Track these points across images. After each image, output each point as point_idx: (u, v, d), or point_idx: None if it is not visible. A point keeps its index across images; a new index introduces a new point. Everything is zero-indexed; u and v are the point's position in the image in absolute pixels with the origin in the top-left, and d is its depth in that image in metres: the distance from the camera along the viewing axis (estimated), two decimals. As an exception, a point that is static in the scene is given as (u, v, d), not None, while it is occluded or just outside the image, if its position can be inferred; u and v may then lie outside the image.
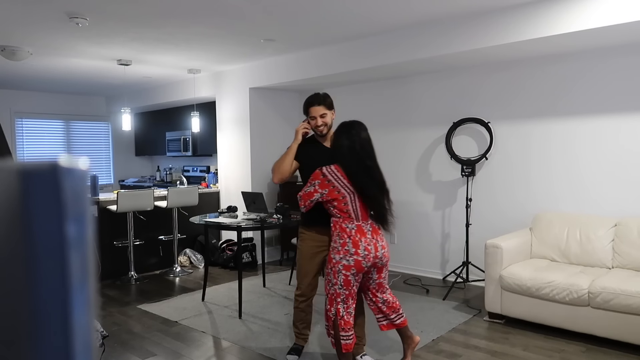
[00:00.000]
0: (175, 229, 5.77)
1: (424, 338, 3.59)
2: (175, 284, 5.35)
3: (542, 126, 4.53)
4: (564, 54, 4.32)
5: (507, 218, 4.78)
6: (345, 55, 4.97)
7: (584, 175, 4.30)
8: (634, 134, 4.03)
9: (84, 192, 0.40)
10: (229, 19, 4.04)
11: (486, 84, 4.87)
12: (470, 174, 4.77)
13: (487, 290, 3.91)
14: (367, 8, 3.83)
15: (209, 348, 3.53)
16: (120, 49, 5.05)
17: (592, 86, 4.23)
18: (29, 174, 0.38)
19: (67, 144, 8.34)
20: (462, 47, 4.11)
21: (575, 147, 4.35)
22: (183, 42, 4.81)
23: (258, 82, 5.93)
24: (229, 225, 4.22)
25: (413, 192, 5.50)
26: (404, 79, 5.50)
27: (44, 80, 6.89)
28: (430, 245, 5.39)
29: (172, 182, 7.92)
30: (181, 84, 7.00)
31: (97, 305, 0.80)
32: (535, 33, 3.69)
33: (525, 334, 3.61)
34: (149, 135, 8.60)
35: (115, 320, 4.13)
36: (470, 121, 4.87)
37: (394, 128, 5.63)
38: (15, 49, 4.86)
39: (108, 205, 5.43)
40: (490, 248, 3.90)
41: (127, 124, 6.12)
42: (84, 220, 0.40)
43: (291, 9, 3.82)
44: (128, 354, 3.42)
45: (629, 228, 3.78)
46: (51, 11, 3.76)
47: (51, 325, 0.38)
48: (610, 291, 3.27)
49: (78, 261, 0.39)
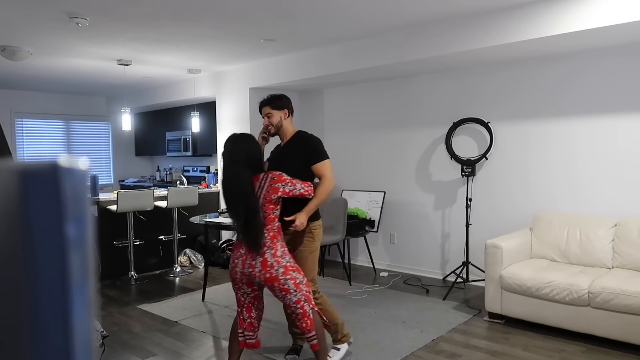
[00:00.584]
0: (175, 229, 5.77)
1: (424, 338, 3.59)
2: (175, 284, 5.35)
3: (542, 126, 4.53)
4: (563, 54, 4.32)
5: (507, 218, 4.78)
6: (345, 56, 4.97)
7: (584, 175, 4.30)
8: (633, 134, 4.03)
9: (84, 192, 0.40)
10: (229, 19, 4.04)
11: (486, 84, 4.87)
12: (470, 174, 4.77)
13: (487, 290, 3.91)
14: (367, 8, 3.83)
15: (209, 348, 3.53)
16: (120, 49, 5.05)
17: (592, 86, 4.23)
18: (29, 174, 0.38)
19: (67, 144, 8.34)
20: (462, 47, 4.11)
21: (576, 147, 4.35)
22: (183, 42, 4.81)
23: (258, 82, 5.93)
24: (229, 225, 4.22)
25: (413, 192, 5.50)
26: (404, 79, 5.50)
27: (44, 80, 6.89)
28: (430, 245, 5.39)
29: (172, 182, 7.92)
30: (181, 84, 7.00)
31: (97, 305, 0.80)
32: (534, 33, 3.69)
33: (525, 334, 3.61)
34: (149, 135, 8.60)
35: (115, 320, 4.13)
36: (470, 121, 4.88)
37: (393, 128, 5.63)
38: (15, 49, 4.86)
39: (108, 205, 5.43)
40: (490, 248, 3.90)
41: (127, 124, 6.12)
42: (84, 220, 0.40)
43: (291, 9, 3.82)
44: (128, 354, 3.42)
45: (629, 228, 3.78)
46: (51, 11, 3.76)
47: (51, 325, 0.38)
48: (610, 291, 3.27)
49: (78, 261, 0.39)
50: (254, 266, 2.70)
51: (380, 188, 5.77)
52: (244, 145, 2.72)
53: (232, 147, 2.72)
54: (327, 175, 2.96)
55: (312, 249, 3.04)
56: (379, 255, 5.81)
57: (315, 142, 3.04)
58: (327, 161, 3.00)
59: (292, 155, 3.03)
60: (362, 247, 5.92)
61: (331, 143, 6.30)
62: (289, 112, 3.10)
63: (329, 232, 5.14)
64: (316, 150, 3.00)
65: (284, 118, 3.08)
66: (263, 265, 2.68)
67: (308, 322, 2.76)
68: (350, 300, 4.52)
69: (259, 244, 2.69)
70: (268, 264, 2.68)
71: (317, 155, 2.98)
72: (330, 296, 4.64)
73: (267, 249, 2.70)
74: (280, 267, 2.70)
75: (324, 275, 5.44)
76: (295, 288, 2.73)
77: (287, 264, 2.73)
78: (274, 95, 3.13)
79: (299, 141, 3.07)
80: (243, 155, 2.69)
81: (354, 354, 3.32)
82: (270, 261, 2.69)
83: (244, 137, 2.78)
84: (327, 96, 6.33)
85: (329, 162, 3.01)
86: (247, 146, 2.73)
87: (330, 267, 5.81)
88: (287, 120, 3.10)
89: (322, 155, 2.99)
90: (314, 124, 6.49)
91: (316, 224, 3.06)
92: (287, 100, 3.13)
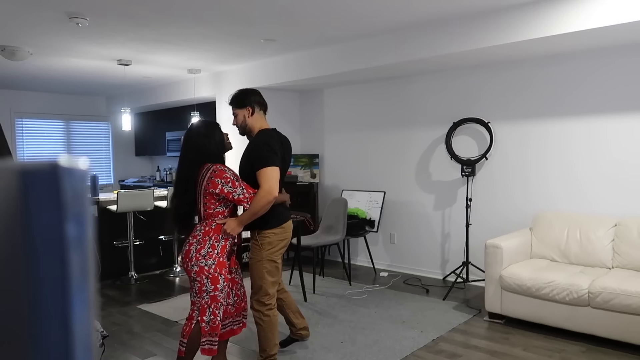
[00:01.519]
0: (175, 229, 5.77)
1: (424, 338, 3.59)
2: (175, 284, 5.35)
3: (543, 126, 4.53)
4: (564, 54, 4.32)
5: (507, 218, 4.78)
6: (345, 56, 4.97)
7: (584, 175, 4.30)
8: (634, 134, 4.03)
9: (84, 192, 0.40)
10: (229, 19, 4.04)
11: (486, 84, 4.87)
12: (470, 174, 4.77)
13: (487, 290, 3.91)
14: (367, 8, 3.83)
15: (209, 348, 3.52)
16: (120, 49, 5.05)
17: (592, 86, 4.22)
18: (29, 174, 0.38)
19: (67, 144, 8.34)
20: (462, 47, 4.11)
21: (576, 147, 4.35)
22: (183, 42, 4.81)
23: (258, 82, 5.93)
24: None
25: (413, 192, 5.50)
26: (404, 79, 5.50)
27: (44, 80, 6.89)
28: (430, 245, 5.39)
29: (172, 182, 7.91)
30: (181, 84, 7.00)
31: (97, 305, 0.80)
32: (535, 33, 3.69)
33: (525, 334, 3.61)
34: (149, 135, 8.60)
35: (115, 320, 4.13)
36: (470, 121, 4.88)
37: (393, 128, 5.63)
38: (15, 49, 4.86)
39: (108, 205, 5.43)
40: (490, 248, 3.90)
41: (127, 124, 6.12)
42: (84, 220, 0.40)
43: (291, 9, 3.82)
44: (128, 354, 3.42)
45: (629, 228, 3.78)
46: (51, 11, 3.76)
47: (51, 325, 0.38)
48: (610, 291, 3.27)
49: (78, 261, 0.39)
50: (182, 252, 2.79)
51: (380, 188, 5.77)
52: (197, 138, 2.81)
53: (187, 134, 2.85)
54: (263, 186, 2.68)
55: (258, 258, 2.83)
56: (379, 255, 5.81)
57: (259, 146, 2.78)
58: (267, 169, 2.70)
59: (244, 157, 2.87)
60: (362, 247, 5.92)
61: (331, 143, 6.30)
62: (252, 109, 2.88)
63: (329, 232, 5.14)
64: (259, 155, 2.74)
65: (247, 116, 2.88)
66: (185, 255, 2.73)
67: (188, 328, 2.76)
68: (350, 300, 4.52)
69: (176, 225, 2.87)
70: (188, 256, 2.72)
71: (259, 161, 2.73)
72: (330, 296, 4.65)
73: (195, 242, 2.72)
74: (195, 266, 2.70)
75: (324, 275, 5.44)
76: (197, 292, 2.73)
77: (204, 267, 2.69)
78: (236, 93, 2.94)
79: (251, 143, 2.88)
80: (191, 143, 2.80)
81: (354, 354, 3.32)
82: (192, 254, 2.71)
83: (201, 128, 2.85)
84: (327, 96, 6.33)
85: (270, 170, 2.70)
86: (198, 139, 2.80)
87: (331, 267, 5.81)
88: (252, 118, 2.89)
89: (263, 162, 2.71)
90: (314, 124, 6.49)
91: (266, 233, 2.83)
92: (249, 96, 2.90)
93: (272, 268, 2.87)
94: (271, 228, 2.85)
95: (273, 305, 2.92)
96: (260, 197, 2.68)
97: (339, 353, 3.35)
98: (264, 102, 2.97)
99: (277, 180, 2.73)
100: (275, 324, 2.93)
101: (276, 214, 2.84)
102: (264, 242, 2.84)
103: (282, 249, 2.91)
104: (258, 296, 2.88)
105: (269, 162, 2.72)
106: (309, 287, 4.89)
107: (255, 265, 2.86)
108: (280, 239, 2.88)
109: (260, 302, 2.87)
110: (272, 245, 2.85)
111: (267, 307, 2.88)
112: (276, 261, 2.88)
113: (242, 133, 2.96)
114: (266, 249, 2.84)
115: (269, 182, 2.69)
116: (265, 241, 2.84)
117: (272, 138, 2.84)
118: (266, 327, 2.89)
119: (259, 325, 2.91)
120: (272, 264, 2.86)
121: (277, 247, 2.87)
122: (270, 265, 2.86)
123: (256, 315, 2.90)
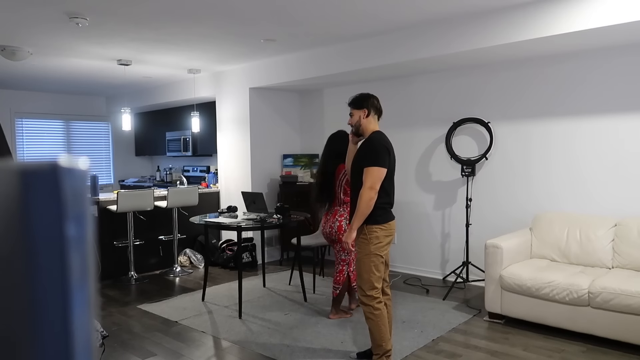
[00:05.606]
0: (175, 229, 5.77)
1: (424, 338, 3.59)
2: (175, 284, 5.35)
3: (542, 126, 4.53)
4: (564, 54, 4.32)
5: (507, 218, 4.78)
6: (345, 56, 4.97)
7: (584, 175, 4.31)
8: (634, 134, 4.03)
9: (84, 192, 0.40)
10: (229, 19, 4.04)
11: (486, 84, 4.87)
12: (470, 174, 4.77)
13: (487, 290, 3.91)
14: (367, 8, 3.83)
15: (209, 348, 3.53)
16: (120, 49, 5.05)
17: (592, 86, 4.22)
18: (29, 174, 0.38)
19: (67, 144, 8.34)
20: (462, 47, 4.11)
21: (575, 147, 4.35)
22: (183, 42, 4.81)
23: (258, 82, 5.93)
24: (229, 225, 4.22)
25: (413, 192, 5.50)
26: (404, 79, 5.50)
27: (44, 80, 6.89)
28: (430, 245, 5.39)
29: (172, 182, 7.92)
30: (181, 84, 7.00)
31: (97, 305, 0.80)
32: (535, 33, 3.69)
33: (525, 334, 3.61)
34: (149, 135, 8.60)
35: (115, 320, 4.13)
36: (470, 121, 4.88)
37: (393, 128, 5.63)
38: (15, 49, 4.86)
39: (108, 205, 5.43)
40: (490, 248, 3.90)
41: (127, 124, 6.12)
42: (84, 220, 0.40)
43: (291, 9, 3.82)
44: (128, 354, 3.42)
45: (629, 228, 3.78)
46: (51, 11, 3.76)
47: (51, 325, 0.38)
48: (610, 291, 3.27)
49: (78, 261, 0.39)
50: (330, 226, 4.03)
51: (380, 188, 5.76)
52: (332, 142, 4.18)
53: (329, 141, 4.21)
54: (367, 182, 2.90)
55: (366, 252, 2.97)
56: (379, 255, 5.80)
57: (371, 145, 2.98)
58: (372, 168, 2.90)
59: (357, 156, 3.07)
60: (362, 247, 5.91)
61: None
62: (368, 112, 3.08)
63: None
64: (367, 154, 2.96)
65: (362, 117, 3.08)
66: (339, 229, 3.98)
67: (340, 277, 4.00)
68: (350, 300, 4.51)
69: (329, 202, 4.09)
70: (342, 230, 3.96)
71: (365, 159, 2.95)
72: (330, 296, 4.64)
73: (343, 220, 3.98)
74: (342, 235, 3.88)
75: (324, 275, 5.44)
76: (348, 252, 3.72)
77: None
78: (357, 95, 3.15)
79: (365, 142, 3.07)
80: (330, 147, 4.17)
81: (354, 354, 3.32)
82: (344, 228, 3.91)
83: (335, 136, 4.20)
84: (327, 96, 6.33)
85: (375, 170, 2.90)
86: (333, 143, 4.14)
87: (331, 267, 5.80)
88: (367, 120, 3.08)
89: (369, 161, 2.92)
90: (314, 124, 6.49)
91: (374, 228, 2.96)
92: (368, 99, 3.11)
93: (378, 262, 3.00)
94: (378, 224, 2.98)
95: (381, 299, 3.02)
96: (362, 196, 2.90)
97: (339, 353, 3.36)
98: (379, 108, 3.17)
99: (380, 180, 2.92)
100: (386, 317, 3.02)
101: (382, 212, 3.00)
102: (372, 236, 2.98)
103: (387, 244, 3.04)
104: (367, 290, 2.97)
105: (379, 162, 2.92)
106: (309, 287, 4.89)
107: (363, 259, 2.99)
108: (387, 234, 3.02)
109: (369, 296, 2.97)
110: (379, 240, 2.99)
111: (376, 301, 2.98)
112: (382, 256, 3.02)
113: (356, 132, 3.15)
114: (374, 243, 2.97)
115: (373, 179, 2.90)
116: (373, 235, 2.98)
117: (387, 141, 3.04)
118: (378, 321, 2.99)
119: (371, 320, 3.00)
120: (379, 258, 2.99)
121: (384, 242, 3.01)
122: (377, 260, 2.99)
123: (367, 311, 2.99)
